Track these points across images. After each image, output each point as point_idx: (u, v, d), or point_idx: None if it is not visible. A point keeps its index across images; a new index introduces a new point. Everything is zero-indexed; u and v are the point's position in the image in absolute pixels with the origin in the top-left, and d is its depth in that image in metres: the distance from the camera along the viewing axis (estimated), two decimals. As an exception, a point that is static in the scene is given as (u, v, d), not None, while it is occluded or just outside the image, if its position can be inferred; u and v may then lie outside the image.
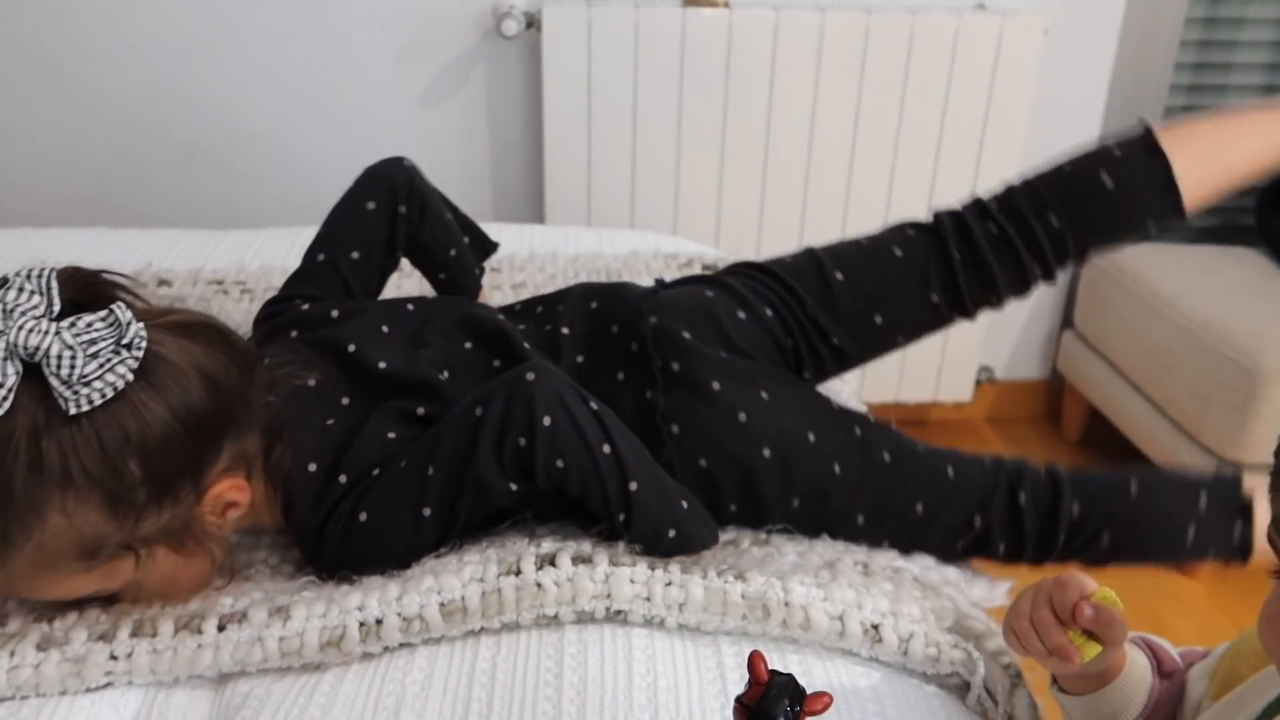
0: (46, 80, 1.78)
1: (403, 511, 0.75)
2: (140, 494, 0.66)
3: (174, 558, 0.72)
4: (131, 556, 0.69)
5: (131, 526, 0.67)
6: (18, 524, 0.63)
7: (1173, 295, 1.82)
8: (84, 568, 0.68)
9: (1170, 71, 2.00)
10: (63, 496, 0.63)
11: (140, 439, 0.64)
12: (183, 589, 0.73)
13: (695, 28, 1.76)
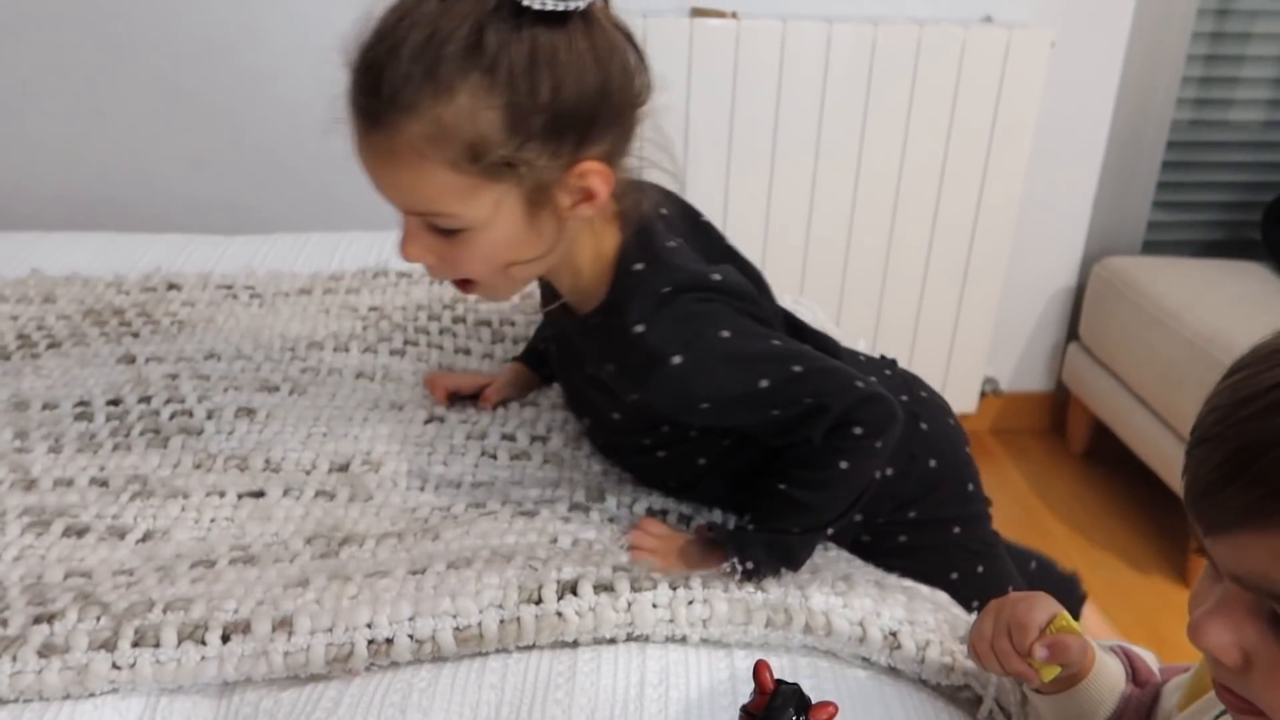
0: (55, 85, 1.78)
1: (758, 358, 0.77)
2: (536, 120, 0.68)
3: (518, 218, 0.72)
4: (496, 187, 0.70)
5: (515, 147, 0.68)
6: (432, 88, 0.67)
7: (1179, 309, 1.82)
8: (456, 170, 0.69)
9: (1177, 85, 2.00)
10: (479, 80, 0.67)
11: (561, 68, 0.68)
12: (500, 263, 0.74)
13: (703, 38, 1.76)
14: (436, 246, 0.75)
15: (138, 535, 0.83)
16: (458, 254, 0.74)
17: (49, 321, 1.17)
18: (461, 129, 0.68)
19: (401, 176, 0.71)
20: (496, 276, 0.77)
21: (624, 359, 0.79)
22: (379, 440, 0.97)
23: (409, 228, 0.75)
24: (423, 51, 0.67)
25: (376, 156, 0.72)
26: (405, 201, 0.73)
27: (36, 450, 0.92)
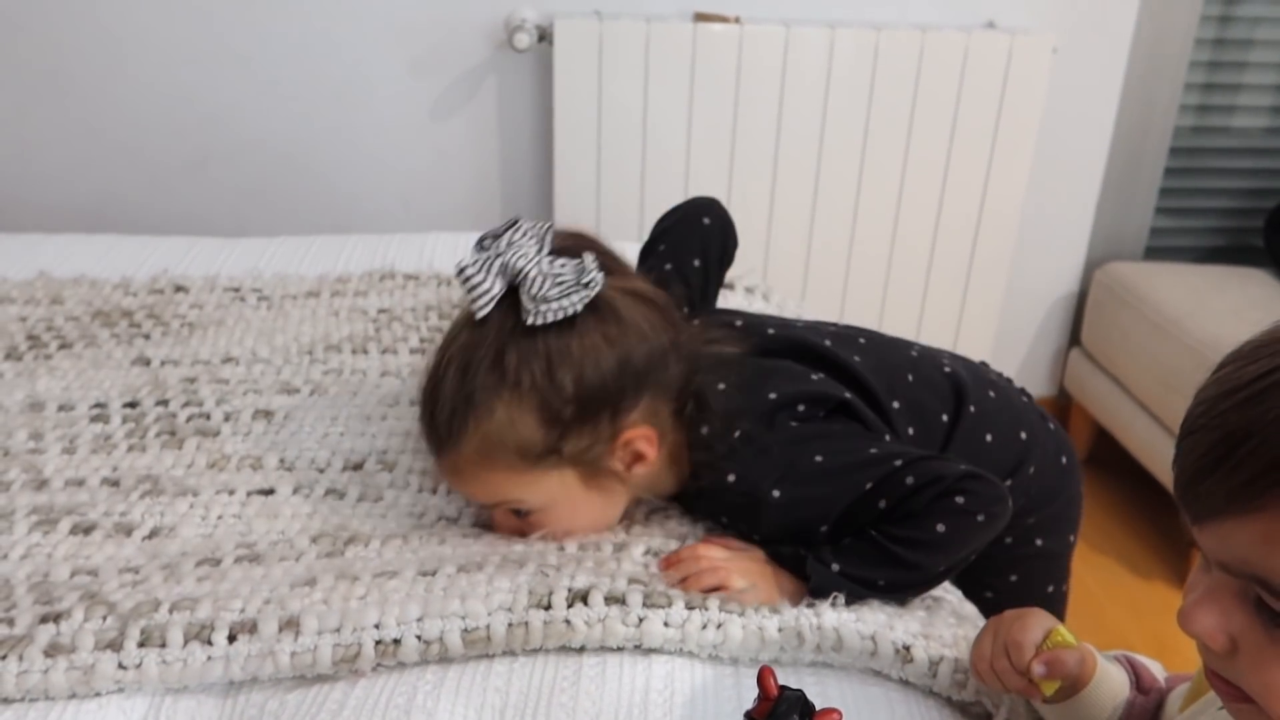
0: (59, 89, 1.79)
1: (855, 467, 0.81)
2: (568, 411, 0.78)
3: (582, 491, 0.82)
4: (553, 473, 0.80)
5: (556, 438, 0.78)
6: (473, 413, 0.78)
7: (1180, 315, 1.83)
8: (513, 470, 0.79)
9: (1179, 92, 2.01)
10: (509, 395, 0.78)
11: (578, 362, 0.78)
12: (581, 527, 0.83)
13: (706, 42, 1.77)
14: (521, 525, 0.84)
15: (144, 532, 0.83)
16: (540, 527, 0.83)
17: (58, 322, 1.17)
18: (505, 438, 0.79)
19: (472, 485, 0.83)
20: (584, 533, 0.84)
21: (731, 508, 0.85)
22: (396, 438, 0.98)
23: (496, 515, 0.85)
24: (460, 385, 0.79)
25: (449, 474, 0.84)
26: (482, 498, 0.84)
27: (50, 451, 0.93)
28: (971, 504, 0.79)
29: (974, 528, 0.80)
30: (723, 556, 0.80)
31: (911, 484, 0.79)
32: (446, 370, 0.79)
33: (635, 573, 0.76)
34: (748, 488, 0.81)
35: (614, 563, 0.78)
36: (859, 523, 0.81)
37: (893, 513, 0.80)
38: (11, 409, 1.00)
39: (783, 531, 0.82)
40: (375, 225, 1.87)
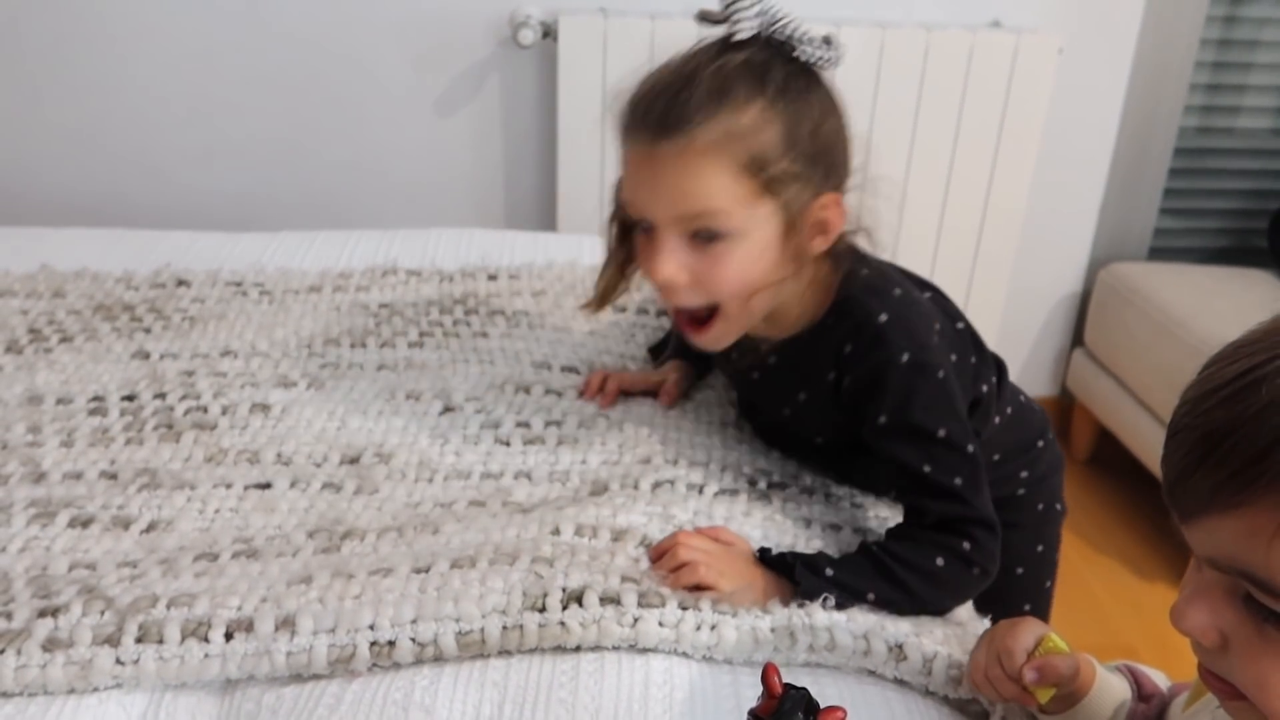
0: (62, 83, 1.79)
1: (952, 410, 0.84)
2: (804, 145, 0.79)
3: (774, 243, 0.81)
4: (762, 207, 0.79)
5: (784, 165, 0.78)
6: (727, 102, 0.77)
7: (1184, 316, 1.82)
8: (738, 176, 0.78)
9: (1184, 92, 2.00)
10: (764, 103, 0.78)
11: (820, 113, 0.81)
12: (748, 279, 0.81)
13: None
14: (692, 263, 0.81)
15: (142, 526, 0.83)
16: (714, 269, 0.80)
17: (59, 316, 1.17)
18: (748, 139, 0.78)
19: (687, 179, 0.78)
20: (740, 304, 0.83)
21: (843, 354, 0.85)
22: (393, 432, 0.98)
23: (667, 244, 0.80)
24: (717, 76, 0.78)
25: (665, 162, 0.79)
26: (683, 204, 0.79)
27: (49, 444, 0.93)
28: (974, 552, 0.81)
29: (966, 579, 0.81)
30: (706, 548, 0.79)
31: (953, 487, 0.81)
32: (698, 67, 0.79)
33: (628, 569, 0.76)
34: (891, 334, 0.82)
35: (608, 556, 0.77)
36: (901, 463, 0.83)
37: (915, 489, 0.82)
38: (10, 402, 1.00)
39: (857, 390, 0.84)
40: (379, 221, 1.87)
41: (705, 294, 0.82)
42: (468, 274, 1.32)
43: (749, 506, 0.88)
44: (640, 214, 0.82)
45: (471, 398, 1.04)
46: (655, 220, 0.81)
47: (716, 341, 0.86)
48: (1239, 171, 2.12)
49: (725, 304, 0.83)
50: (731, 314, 0.83)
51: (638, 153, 0.81)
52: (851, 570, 0.79)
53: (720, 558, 0.78)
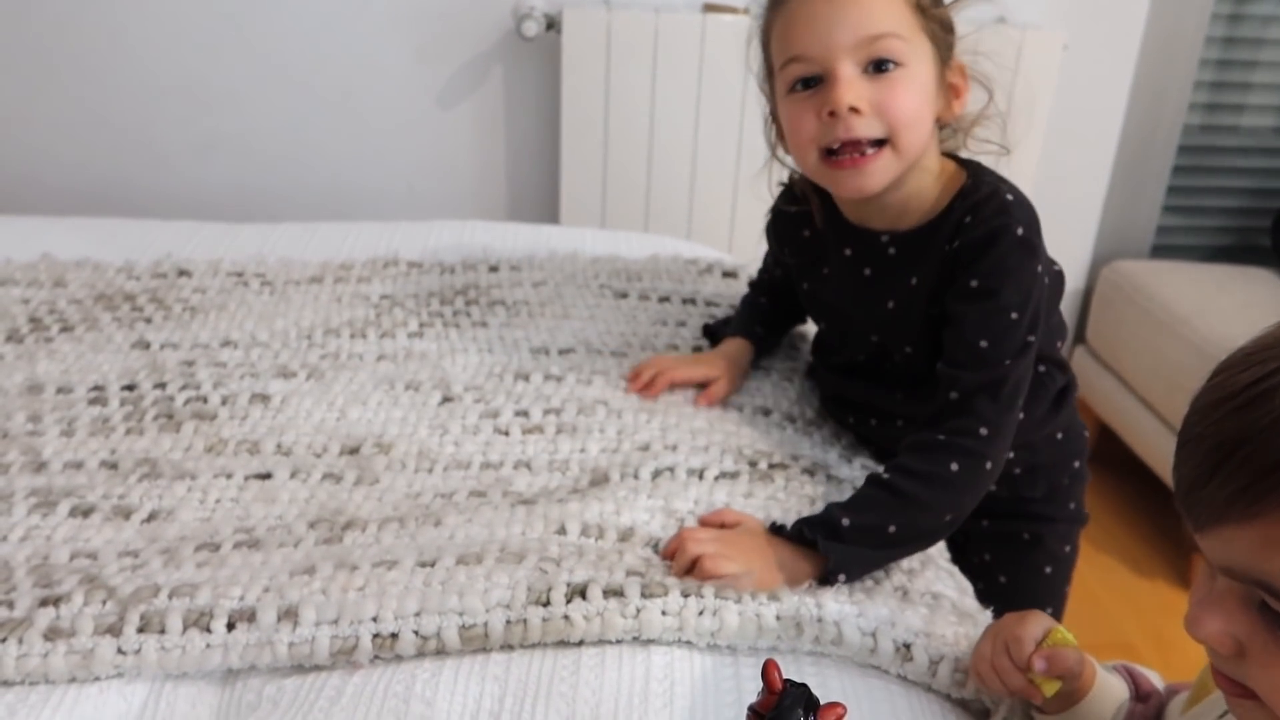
0: (65, 72, 1.78)
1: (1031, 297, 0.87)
2: (942, 8, 0.89)
3: (935, 75, 0.88)
4: (926, 41, 0.86)
5: (937, 10, 0.88)
6: None
7: (1187, 314, 1.82)
8: (906, 6, 0.85)
9: (1189, 90, 2.00)
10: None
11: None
12: (925, 113, 0.87)
13: (714, 33, 1.76)
14: (868, 93, 0.84)
15: (143, 516, 0.83)
16: (892, 94, 0.84)
17: (60, 305, 1.17)
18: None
19: (874, 4, 0.84)
20: (913, 132, 0.86)
21: (965, 225, 0.87)
22: (392, 423, 0.98)
23: (845, 77, 0.84)
24: None
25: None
26: (868, 24, 0.84)
27: (49, 434, 0.93)
28: (988, 442, 0.83)
29: (981, 474, 0.84)
30: (711, 537, 0.79)
31: (1000, 370, 0.84)
32: None
33: (635, 565, 0.76)
34: (1015, 210, 0.86)
35: (615, 555, 0.77)
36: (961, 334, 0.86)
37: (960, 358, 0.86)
38: (11, 391, 1.00)
39: (966, 263, 0.86)
40: (380, 212, 1.87)
41: (883, 121, 0.85)
42: (469, 266, 1.32)
43: (750, 488, 0.89)
44: (816, 57, 0.84)
45: (470, 387, 1.04)
46: (834, 52, 0.83)
47: (877, 175, 0.87)
48: (1243, 170, 2.12)
49: (898, 134, 0.85)
50: (902, 145, 0.86)
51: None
52: (866, 508, 0.81)
53: (728, 543, 0.78)
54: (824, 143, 0.86)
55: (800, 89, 0.86)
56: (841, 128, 0.84)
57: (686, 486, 0.87)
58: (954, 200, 0.89)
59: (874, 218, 0.93)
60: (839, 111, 0.84)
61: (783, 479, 0.91)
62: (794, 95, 0.87)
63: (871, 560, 0.81)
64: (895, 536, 0.80)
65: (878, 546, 0.80)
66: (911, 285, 0.91)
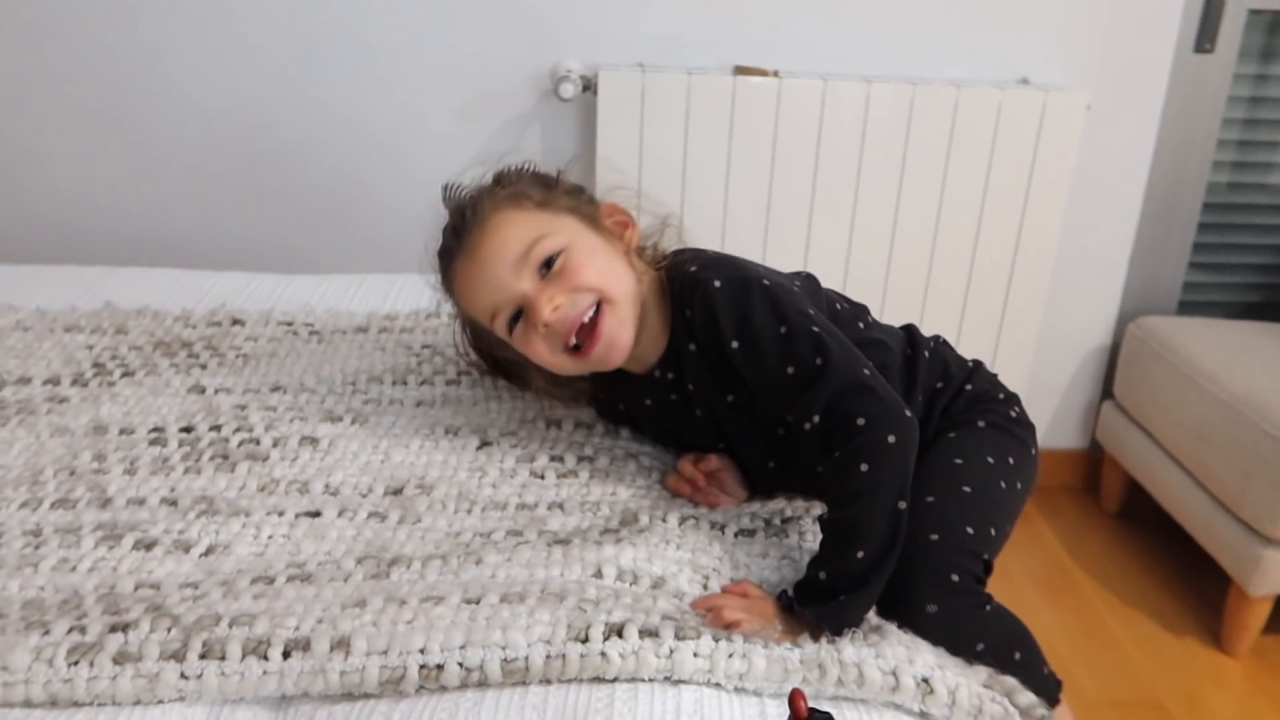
0: (127, 130, 1.88)
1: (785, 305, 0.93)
2: (562, 187, 1.03)
3: (591, 233, 1.00)
4: (564, 217, 0.99)
5: (557, 195, 1.01)
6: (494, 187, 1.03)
7: (1214, 370, 1.83)
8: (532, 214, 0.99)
9: (1213, 147, 2.03)
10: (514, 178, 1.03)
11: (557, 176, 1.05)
12: (601, 268, 0.97)
13: (745, 96, 1.82)
14: (556, 290, 0.95)
15: (201, 549, 0.88)
16: (569, 275, 0.95)
17: (122, 351, 1.23)
18: (526, 195, 1.01)
19: (505, 232, 0.97)
20: (613, 280, 0.97)
21: (684, 318, 0.96)
22: (433, 465, 1.02)
23: (531, 296, 0.95)
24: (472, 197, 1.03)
25: (481, 243, 0.98)
26: (515, 248, 0.96)
27: (113, 472, 0.98)
28: (872, 422, 0.85)
29: (889, 452, 0.85)
30: (742, 606, 0.83)
31: (816, 366, 0.88)
32: (458, 201, 1.04)
33: (669, 610, 0.80)
34: (700, 278, 0.94)
35: (650, 599, 0.81)
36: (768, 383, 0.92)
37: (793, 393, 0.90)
38: (77, 432, 1.05)
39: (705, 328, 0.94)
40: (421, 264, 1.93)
41: (584, 292, 0.95)
42: (508, 318, 1.38)
43: (765, 547, 0.95)
44: (500, 301, 0.97)
45: (507, 433, 1.09)
46: (510, 289, 0.96)
47: (620, 330, 0.96)
48: (1270, 227, 2.14)
49: (604, 291, 0.95)
50: (614, 296, 0.96)
51: (461, 267, 0.99)
52: (832, 552, 0.85)
53: (755, 613, 0.83)
54: (564, 346, 0.96)
55: (511, 328, 0.98)
56: (564, 329, 0.95)
57: (710, 541, 0.93)
58: (672, 308, 0.98)
59: (638, 362, 1.02)
60: (549, 321, 0.94)
61: (795, 534, 0.97)
62: (512, 335, 0.98)
63: (866, 594, 0.82)
64: (870, 558, 0.82)
65: (862, 578, 0.82)
66: (701, 390, 0.99)
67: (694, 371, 0.99)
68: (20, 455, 1.01)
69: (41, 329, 1.28)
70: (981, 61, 1.91)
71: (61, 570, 0.84)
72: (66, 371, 1.18)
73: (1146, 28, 1.93)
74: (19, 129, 1.87)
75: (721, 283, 0.93)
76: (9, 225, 1.93)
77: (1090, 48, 1.92)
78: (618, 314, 0.96)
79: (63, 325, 1.29)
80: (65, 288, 1.43)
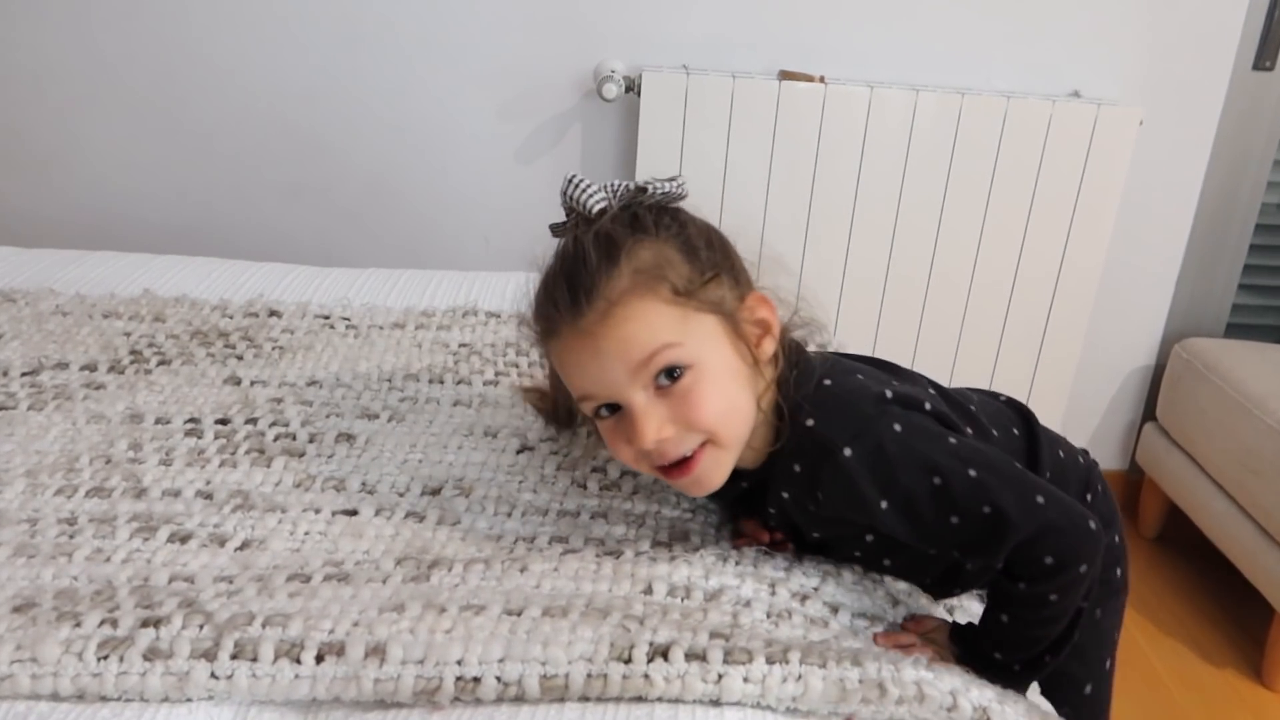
0: (171, 119, 1.88)
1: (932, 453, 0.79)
2: (704, 253, 0.81)
3: (728, 346, 0.80)
4: (703, 318, 0.79)
5: (699, 275, 0.79)
6: (622, 252, 0.78)
7: (1263, 395, 1.78)
8: (670, 304, 0.78)
9: (1268, 168, 1.99)
10: (651, 239, 0.79)
11: (701, 226, 0.85)
12: (726, 397, 0.79)
13: (790, 100, 1.80)
14: (669, 412, 0.78)
15: (236, 544, 0.86)
16: (693, 404, 0.78)
17: (159, 340, 1.22)
18: (659, 269, 0.78)
19: (627, 328, 0.77)
20: (729, 423, 0.80)
21: (796, 475, 0.82)
22: (471, 467, 1.00)
23: (639, 410, 0.78)
24: (599, 239, 0.79)
25: (597, 329, 0.77)
26: (635, 352, 0.77)
27: (149, 461, 0.97)
28: (1064, 561, 0.77)
29: (1080, 580, 0.78)
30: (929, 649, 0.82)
31: (987, 514, 0.76)
32: (581, 243, 0.79)
33: (720, 624, 0.76)
34: (821, 438, 0.79)
35: (700, 614, 0.78)
36: (930, 539, 0.80)
37: (1000, 591, 0.81)
38: (113, 419, 1.04)
39: (837, 503, 0.80)
40: (457, 261, 1.92)
41: (697, 432, 0.79)
42: (546, 317, 1.36)
43: (837, 568, 0.90)
44: (600, 394, 0.80)
45: (546, 438, 1.06)
46: (616, 389, 0.78)
47: (712, 473, 0.81)
48: (1321, 251, 2.09)
49: (715, 434, 0.79)
50: (723, 440, 0.80)
51: (568, 340, 0.79)
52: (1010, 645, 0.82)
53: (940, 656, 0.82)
54: (651, 465, 0.82)
55: (603, 414, 0.81)
56: (656, 455, 0.80)
57: (774, 555, 0.89)
58: (774, 438, 0.83)
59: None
60: (649, 449, 0.79)
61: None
62: (600, 420, 0.82)
63: (1044, 669, 0.83)
64: (1052, 651, 0.82)
65: (1039, 661, 0.82)
66: (785, 500, 0.86)
67: (781, 506, 0.86)
68: (56, 441, 1.00)
69: (80, 314, 1.28)
70: (1032, 73, 1.88)
71: (96, 560, 0.82)
72: (104, 358, 1.17)
73: (1204, 43, 1.88)
74: (66, 116, 1.88)
75: (853, 452, 0.78)
76: (54, 210, 1.94)
77: (1144, 62, 1.88)
78: (719, 459, 0.81)
79: (101, 311, 1.29)
80: (105, 274, 1.42)
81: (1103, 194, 1.86)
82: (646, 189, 0.81)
